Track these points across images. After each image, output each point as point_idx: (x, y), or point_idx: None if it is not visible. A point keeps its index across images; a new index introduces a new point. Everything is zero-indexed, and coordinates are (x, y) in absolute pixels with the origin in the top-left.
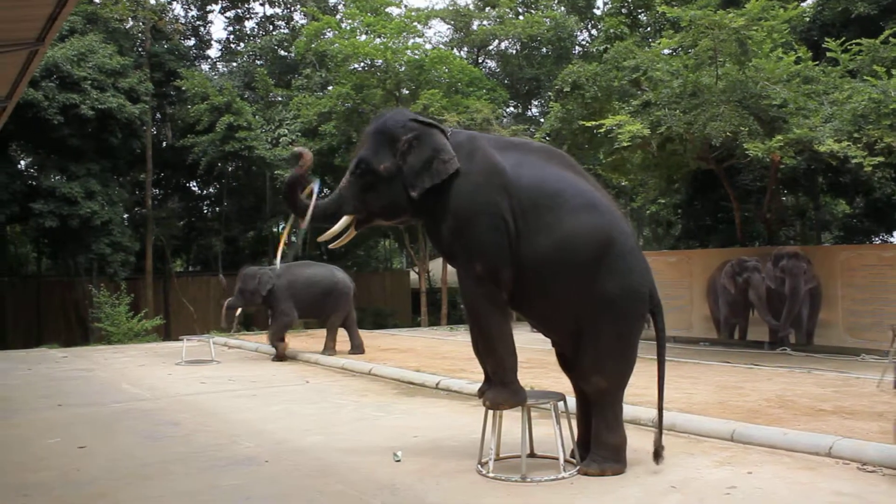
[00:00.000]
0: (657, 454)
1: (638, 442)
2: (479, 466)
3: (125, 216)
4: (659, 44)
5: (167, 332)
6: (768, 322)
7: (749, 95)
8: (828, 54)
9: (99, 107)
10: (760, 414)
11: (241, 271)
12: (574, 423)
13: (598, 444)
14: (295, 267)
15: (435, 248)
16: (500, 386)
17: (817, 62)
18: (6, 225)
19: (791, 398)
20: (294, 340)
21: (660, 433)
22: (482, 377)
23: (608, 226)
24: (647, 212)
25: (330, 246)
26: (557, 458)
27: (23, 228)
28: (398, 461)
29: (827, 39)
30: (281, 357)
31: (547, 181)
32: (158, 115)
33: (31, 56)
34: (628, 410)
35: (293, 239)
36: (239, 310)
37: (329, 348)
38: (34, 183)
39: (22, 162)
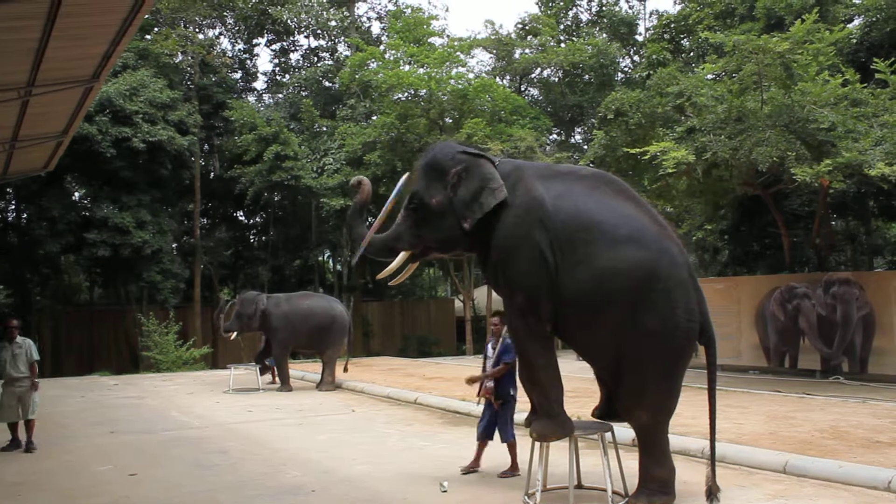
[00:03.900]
0: (710, 494)
1: (687, 474)
2: (527, 498)
3: (174, 245)
4: (702, 69)
5: (214, 361)
6: (820, 350)
7: (795, 120)
8: (876, 76)
9: (150, 139)
10: (814, 445)
11: (240, 296)
12: (623, 453)
13: (647, 477)
14: (295, 297)
15: (485, 280)
16: (547, 417)
17: (865, 84)
18: (61, 255)
19: (845, 429)
20: (339, 370)
21: (713, 471)
22: (528, 406)
23: (652, 260)
24: (694, 238)
25: (390, 283)
26: (605, 490)
27: (76, 258)
28: (444, 492)
29: (875, 60)
30: (289, 388)
31: (584, 213)
32: (206, 147)
33: (86, 92)
34: (677, 441)
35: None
36: (234, 333)
37: (327, 383)
38: (88, 214)
39: (76, 193)
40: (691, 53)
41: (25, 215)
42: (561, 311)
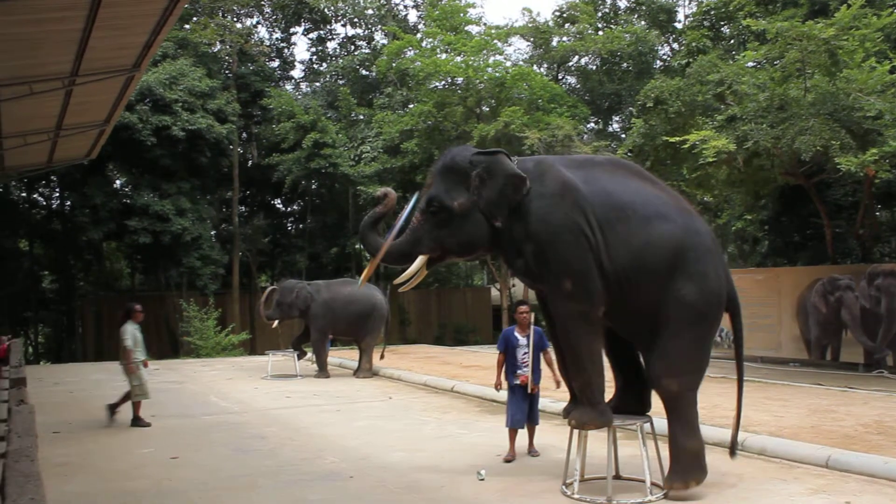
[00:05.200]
0: (732, 451)
1: (726, 466)
2: (564, 487)
3: (213, 233)
4: (743, 57)
5: (253, 347)
6: (863, 343)
7: (840, 108)
8: None
9: (189, 128)
10: (857, 440)
11: (280, 283)
12: (661, 444)
13: (678, 453)
14: (335, 284)
15: (516, 276)
16: (588, 405)
17: None
18: (103, 241)
19: (890, 424)
20: (376, 357)
21: (736, 428)
22: (566, 396)
23: (680, 232)
24: (733, 228)
25: (400, 289)
26: (644, 481)
27: (118, 245)
28: (482, 480)
29: None
30: (326, 375)
31: (614, 195)
32: (245, 135)
33: (127, 81)
34: (717, 433)
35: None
36: (276, 322)
37: (365, 370)
38: (129, 201)
39: (118, 181)
40: (732, 41)
41: (69, 203)
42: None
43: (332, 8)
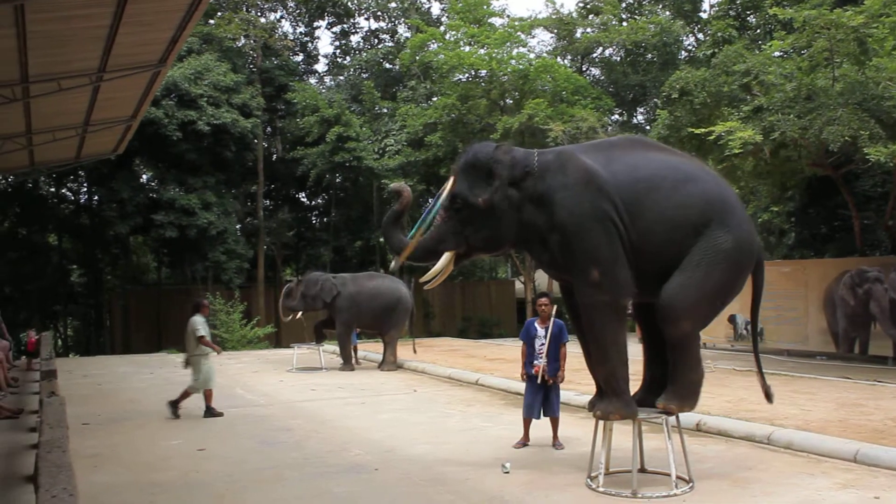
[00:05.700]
0: (768, 395)
1: (752, 459)
2: (589, 480)
3: (238, 226)
4: (770, 46)
5: (278, 340)
6: (892, 336)
7: (869, 97)
8: None
9: (214, 122)
10: (886, 434)
11: (305, 276)
12: (686, 438)
13: (681, 382)
14: (360, 278)
15: (542, 268)
16: (613, 396)
17: None
18: (130, 236)
19: None
20: (401, 350)
21: (762, 376)
22: (591, 389)
23: (711, 189)
24: (759, 220)
25: (426, 287)
26: (669, 474)
27: (145, 239)
28: (507, 472)
29: None
30: (351, 367)
31: (640, 167)
32: (269, 129)
33: (153, 77)
34: (742, 427)
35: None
36: (299, 313)
37: (389, 363)
38: (155, 196)
39: (144, 176)
40: (758, 30)
41: (97, 197)
42: (637, 265)
43: (356, 2)
